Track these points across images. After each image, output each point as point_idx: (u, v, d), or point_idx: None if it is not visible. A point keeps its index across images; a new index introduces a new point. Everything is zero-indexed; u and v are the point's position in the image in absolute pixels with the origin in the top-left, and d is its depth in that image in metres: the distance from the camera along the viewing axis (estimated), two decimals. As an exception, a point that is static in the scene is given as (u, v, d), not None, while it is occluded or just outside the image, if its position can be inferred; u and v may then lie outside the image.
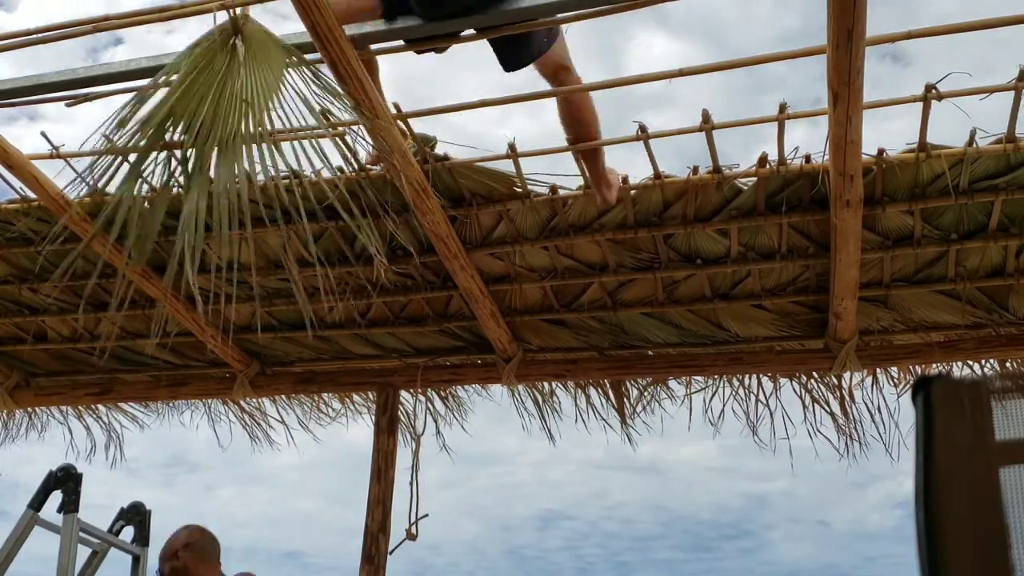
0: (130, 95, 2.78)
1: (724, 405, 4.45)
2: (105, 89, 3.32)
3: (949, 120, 3.11)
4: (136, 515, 5.50)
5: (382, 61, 3.11)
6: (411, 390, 4.68)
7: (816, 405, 4.37)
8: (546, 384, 4.66)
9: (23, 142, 3.47)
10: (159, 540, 4.17)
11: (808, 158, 3.32)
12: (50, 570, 4.83)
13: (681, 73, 2.99)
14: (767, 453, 4.31)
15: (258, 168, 2.83)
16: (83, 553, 5.18)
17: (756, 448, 4.34)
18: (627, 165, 3.53)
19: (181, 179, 2.68)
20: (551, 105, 3.22)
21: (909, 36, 2.80)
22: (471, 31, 2.93)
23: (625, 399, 4.61)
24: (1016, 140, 3.16)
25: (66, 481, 5.11)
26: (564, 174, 3.53)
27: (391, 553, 4.31)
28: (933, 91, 3.00)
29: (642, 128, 3.27)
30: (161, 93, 2.62)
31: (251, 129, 2.56)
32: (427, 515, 4.38)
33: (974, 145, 3.20)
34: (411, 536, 4.35)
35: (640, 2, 2.83)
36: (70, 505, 5.02)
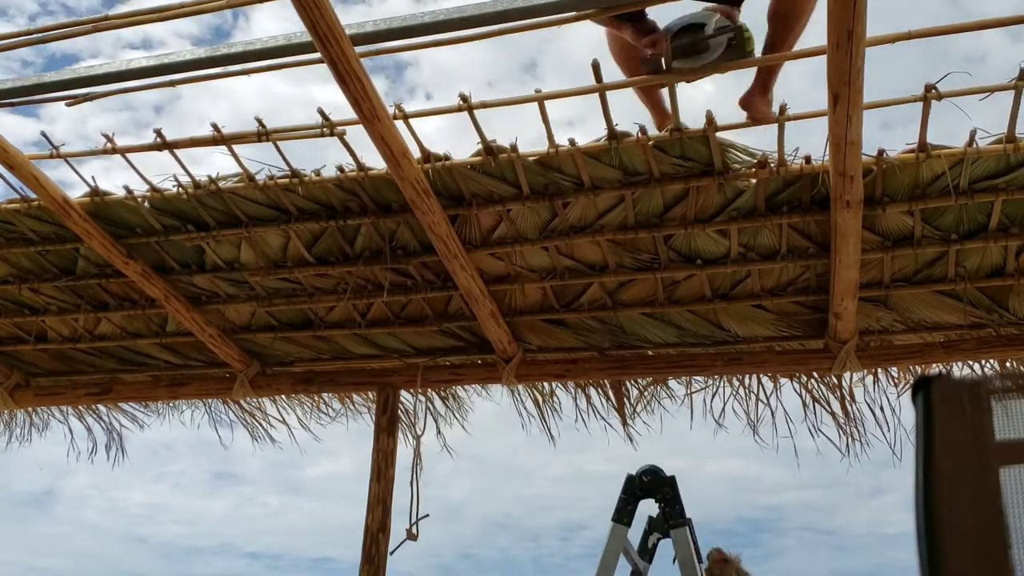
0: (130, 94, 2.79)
1: (724, 405, 4.46)
2: (105, 89, 3.34)
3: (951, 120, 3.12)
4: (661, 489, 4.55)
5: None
6: (411, 390, 4.68)
7: (817, 405, 4.37)
8: (546, 384, 4.66)
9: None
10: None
11: (808, 159, 3.32)
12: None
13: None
14: (785, 465, 4.29)
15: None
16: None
17: (776, 460, 4.33)
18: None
19: None
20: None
21: (909, 37, 2.80)
22: None
23: (625, 399, 4.61)
24: (1016, 140, 3.15)
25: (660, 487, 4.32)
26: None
27: (392, 553, 4.31)
28: (933, 91, 3.00)
29: (642, 130, 3.28)
30: None
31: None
32: (428, 515, 4.39)
33: (974, 145, 3.20)
34: (411, 536, 4.35)
35: (641, 2, 2.84)
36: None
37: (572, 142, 3.35)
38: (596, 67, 2.96)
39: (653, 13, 3.06)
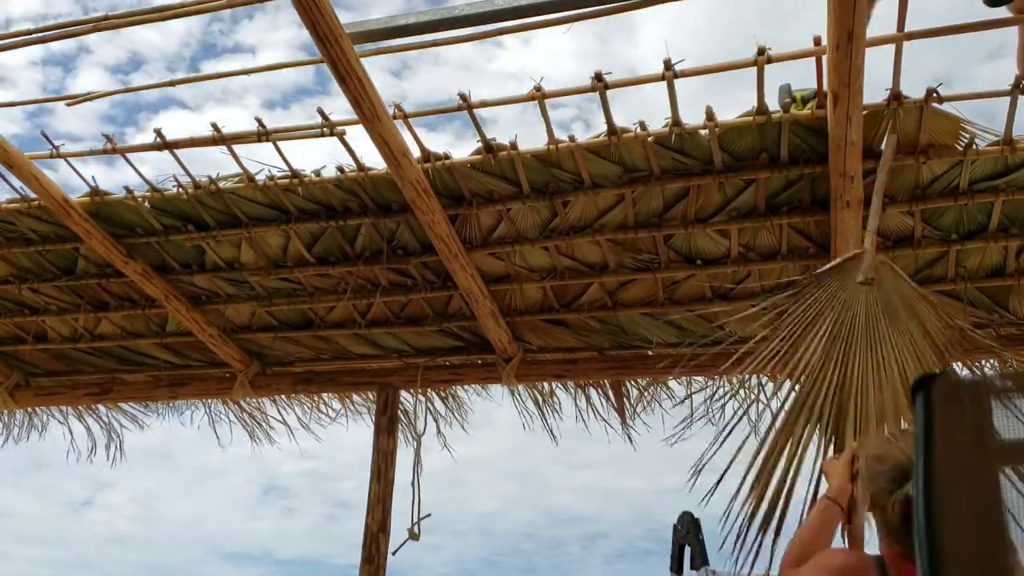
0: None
1: (724, 406, 4.44)
2: (106, 90, 3.34)
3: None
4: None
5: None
6: (411, 390, 4.68)
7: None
8: (546, 384, 4.66)
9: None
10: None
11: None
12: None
13: (682, 74, 2.99)
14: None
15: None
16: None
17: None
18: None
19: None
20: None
21: (909, 37, 2.80)
22: None
23: (625, 399, 4.61)
24: (1013, 142, 3.16)
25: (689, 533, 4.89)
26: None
27: (394, 553, 4.31)
28: (934, 95, 3.00)
29: (642, 125, 3.28)
30: None
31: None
32: (429, 515, 4.39)
33: (973, 147, 3.20)
34: (413, 536, 4.35)
35: (640, 2, 2.83)
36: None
37: (572, 138, 3.35)
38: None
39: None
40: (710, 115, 3.18)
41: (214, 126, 3.42)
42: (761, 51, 2.89)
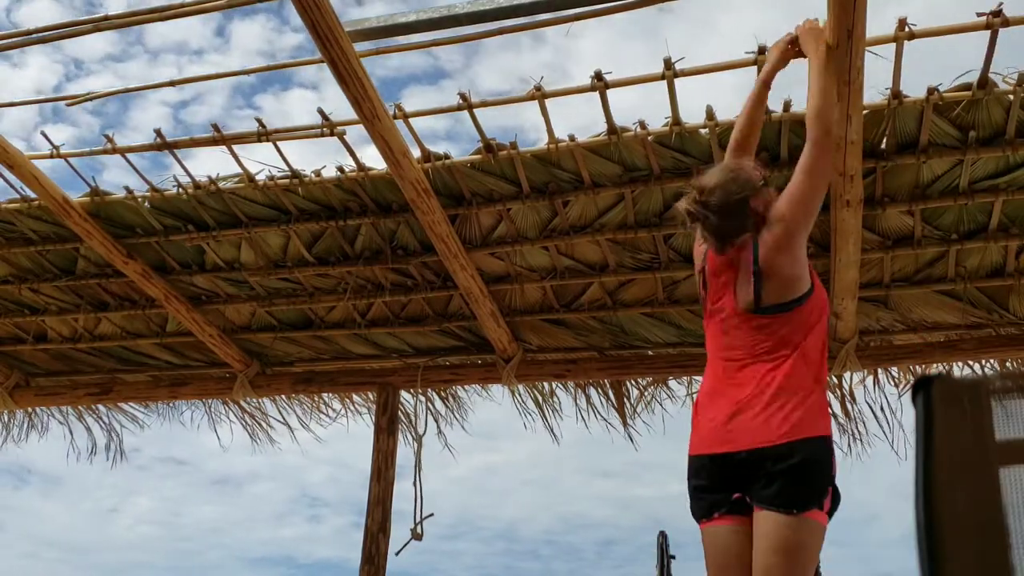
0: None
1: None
2: (106, 90, 3.34)
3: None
4: None
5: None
6: (411, 390, 4.68)
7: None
8: (546, 384, 4.66)
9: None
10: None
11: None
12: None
13: (682, 73, 2.99)
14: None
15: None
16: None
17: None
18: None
19: None
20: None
21: (911, 36, 2.80)
22: None
23: (625, 399, 4.61)
24: (1014, 141, 3.15)
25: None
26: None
27: (397, 554, 4.31)
28: (935, 93, 3.00)
29: (642, 124, 3.27)
30: None
31: None
32: (432, 514, 4.39)
33: (973, 146, 3.20)
34: (416, 536, 4.35)
35: (640, 2, 2.83)
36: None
37: (572, 138, 3.35)
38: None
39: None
40: (710, 114, 3.18)
41: (214, 126, 3.42)
42: (762, 50, 2.89)
